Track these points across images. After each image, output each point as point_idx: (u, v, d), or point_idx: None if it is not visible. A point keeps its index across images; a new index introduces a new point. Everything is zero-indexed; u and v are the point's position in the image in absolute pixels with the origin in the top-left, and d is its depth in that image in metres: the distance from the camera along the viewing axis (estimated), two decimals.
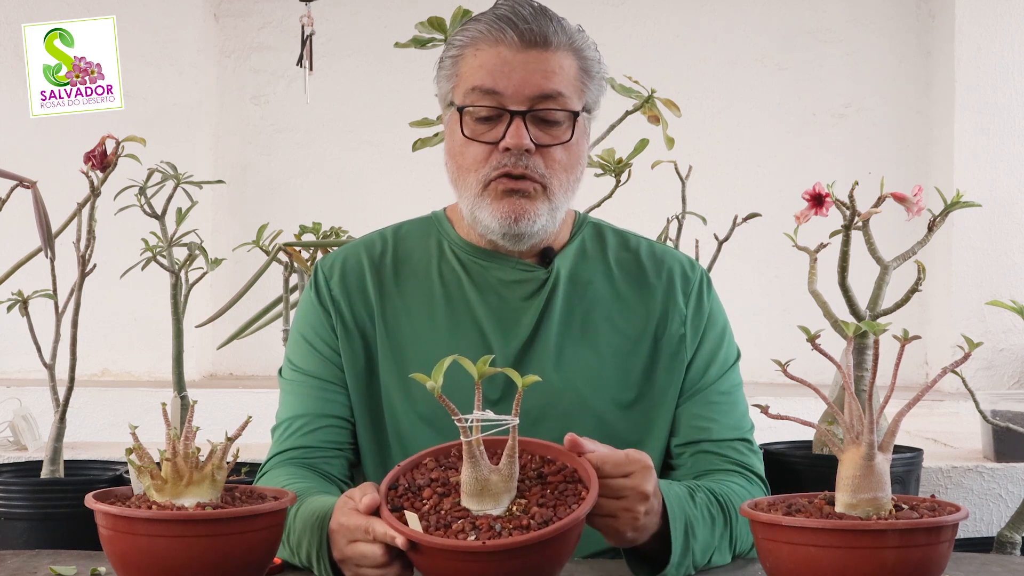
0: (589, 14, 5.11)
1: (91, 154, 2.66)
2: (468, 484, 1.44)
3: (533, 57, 1.76)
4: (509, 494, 1.44)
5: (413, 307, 1.85)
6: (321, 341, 1.86)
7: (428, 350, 1.82)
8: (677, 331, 1.87)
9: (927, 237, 2.54)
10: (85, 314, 2.78)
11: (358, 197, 5.02)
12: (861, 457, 1.40)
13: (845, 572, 1.34)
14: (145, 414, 3.39)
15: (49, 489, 2.69)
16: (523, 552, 1.38)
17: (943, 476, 2.89)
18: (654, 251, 1.93)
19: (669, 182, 3.03)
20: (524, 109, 1.76)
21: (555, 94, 1.77)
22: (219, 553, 1.43)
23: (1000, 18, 4.79)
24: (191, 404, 1.62)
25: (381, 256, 1.89)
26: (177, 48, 4.90)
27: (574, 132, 1.79)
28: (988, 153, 4.78)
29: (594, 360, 1.83)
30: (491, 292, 1.84)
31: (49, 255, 2.67)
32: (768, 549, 1.41)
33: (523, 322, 1.83)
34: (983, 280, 4.78)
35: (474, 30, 1.79)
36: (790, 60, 5.11)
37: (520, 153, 1.75)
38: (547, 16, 1.79)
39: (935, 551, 1.37)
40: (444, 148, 1.85)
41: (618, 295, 1.87)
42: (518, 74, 1.76)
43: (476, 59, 1.78)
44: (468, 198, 1.80)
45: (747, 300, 4.96)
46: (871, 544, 1.34)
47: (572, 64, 1.79)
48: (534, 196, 1.78)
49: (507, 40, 1.76)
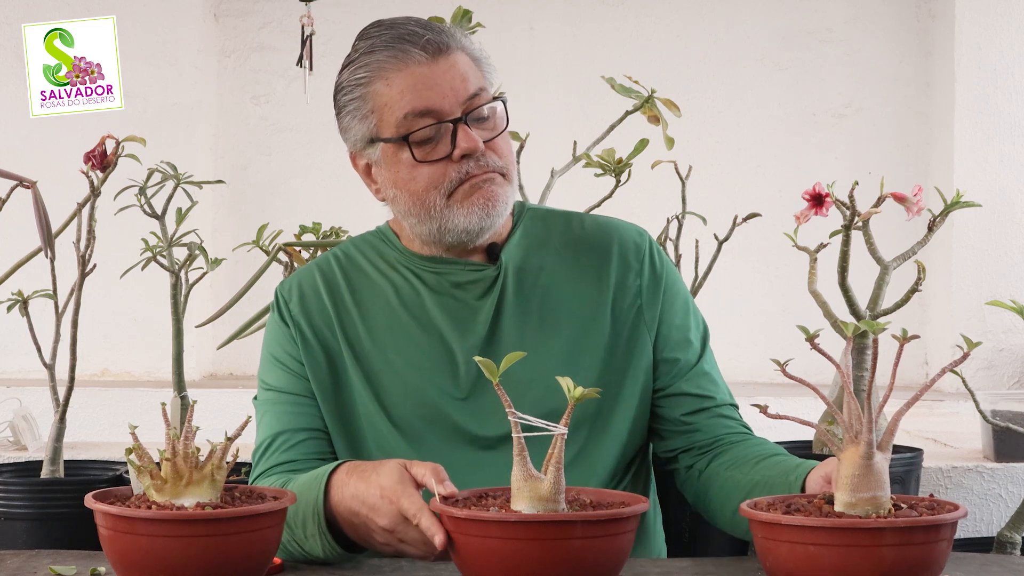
0: (589, 14, 5.11)
1: (91, 154, 2.66)
2: (516, 481, 1.43)
3: (443, 65, 1.79)
4: (558, 504, 1.42)
5: (370, 317, 1.87)
6: (290, 357, 1.88)
7: (390, 356, 1.84)
8: (634, 301, 1.89)
9: (927, 237, 2.54)
10: (85, 314, 2.78)
11: (358, 197, 4.97)
12: (860, 456, 1.40)
13: (844, 571, 1.34)
14: (145, 414, 3.38)
15: (49, 489, 2.69)
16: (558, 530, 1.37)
17: (943, 476, 2.89)
18: (598, 224, 1.95)
19: (669, 182, 3.03)
20: (460, 115, 1.78)
21: (478, 91, 1.80)
22: (219, 553, 1.43)
23: (1000, 18, 4.78)
24: (191, 404, 1.62)
25: (333, 274, 1.91)
26: (177, 48, 4.90)
27: (508, 117, 1.83)
28: (988, 153, 4.78)
29: (556, 345, 1.85)
30: (446, 295, 1.86)
31: (49, 255, 2.67)
32: (768, 548, 1.41)
33: (479, 319, 1.84)
34: (983, 280, 4.77)
35: (372, 63, 1.80)
36: (790, 60, 5.11)
37: (477, 155, 1.78)
38: (428, 25, 1.82)
39: (934, 550, 1.37)
40: (385, 184, 1.84)
41: (569, 276, 1.89)
42: (442, 85, 1.78)
43: (392, 88, 1.79)
44: (433, 218, 1.81)
45: (747, 300, 4.96)
46: (869, 542, 1.34)
47: (467, 59, 1.82)
48: (500, 184, 1.81)
49: (414, 58, 1.78)
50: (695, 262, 2.97)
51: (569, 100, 5.03)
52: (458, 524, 1.42)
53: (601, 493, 1.52)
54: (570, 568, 1.38)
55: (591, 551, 1.39)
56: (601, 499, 1.50)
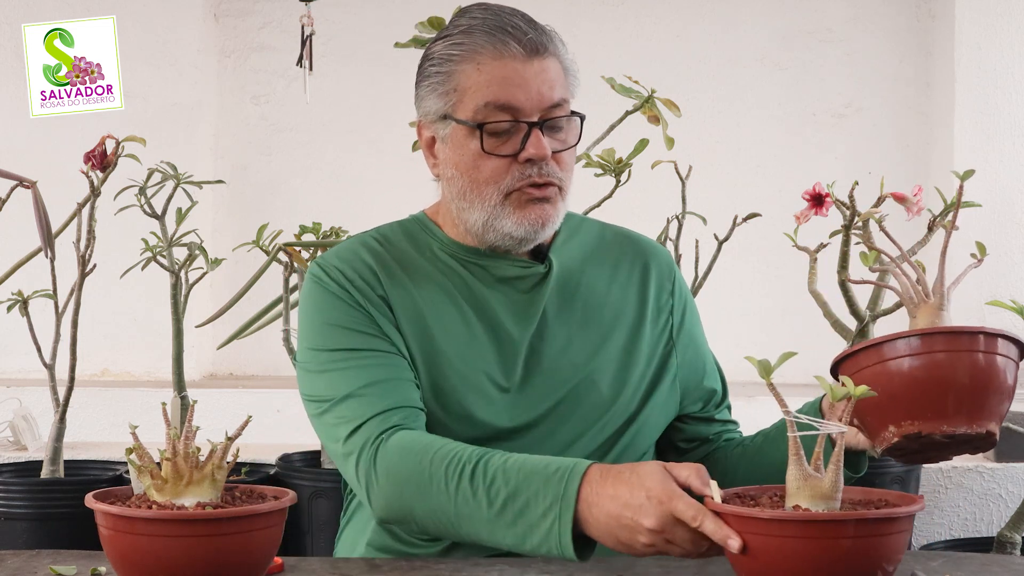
0: (589, 14, 5.11)
1: (91, 154, 2.66)
2: (793, 480, 1.45)
3: (537, 67, 1.79)
4: (837, 502, 1.44)
5: (424, 297, 1.84)
6: (353, 319, 1.80)
7: (448, 338, 1.82)
8: (668, 320, 1.94)
9: (927, 237, 2.54)
10: (85, 314, 2.78)
11: (358, 197, 5.01)
12: (935, 308, 1.73)
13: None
14: (145, 414, 3.38)
15: (49, 489, 2.70)
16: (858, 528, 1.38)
17: (943, 476, 2.89)
18: (632, 238, 2.00)
19: (669, 182, 3.03)
20: (538, 120, 1.78)
21: (561, 101, 1.80)
22: (219, 553, 1.43)
23: (1000, 18, 4.78)
24: (191, 404, 1.62)
25: (380, 252, 1.87)
26: (177, 48, 4.90)
27: (580, 133, 1.84)
28: (988, 153, 4.78)
29: (600, 345, 1.87)
30: (498, 285, 1.86)
31: (49, 255, 2.68)
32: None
33: (531, 312, 1.85)
34: (983, 280, 4.77)
35: (468, 43, 1.79)
36: (790, 60, 5.11)
37: (542, 164, 1.78)
38: (535, 24, 1.82)
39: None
40: (446, 163, 1.83)
41: (612, 282, 1.92)
42: (529, 85, 1.78)
43: (481, 74, 1.78)
44: (485, 209, 1.81)
45: (747, 300, 4.95)
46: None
47: (559, 67, 1.82)
48: (555, 201, 1.82)
49: (512, 52, 1.78)
50: (695, 262, 2.97)
51: None
52: (745, 523, 1.42)
53: (868, 492, 1.53)
54: (852, 566, 1.39)
55: (874, 548, 1.41)
56: (868, 497, 1.52)
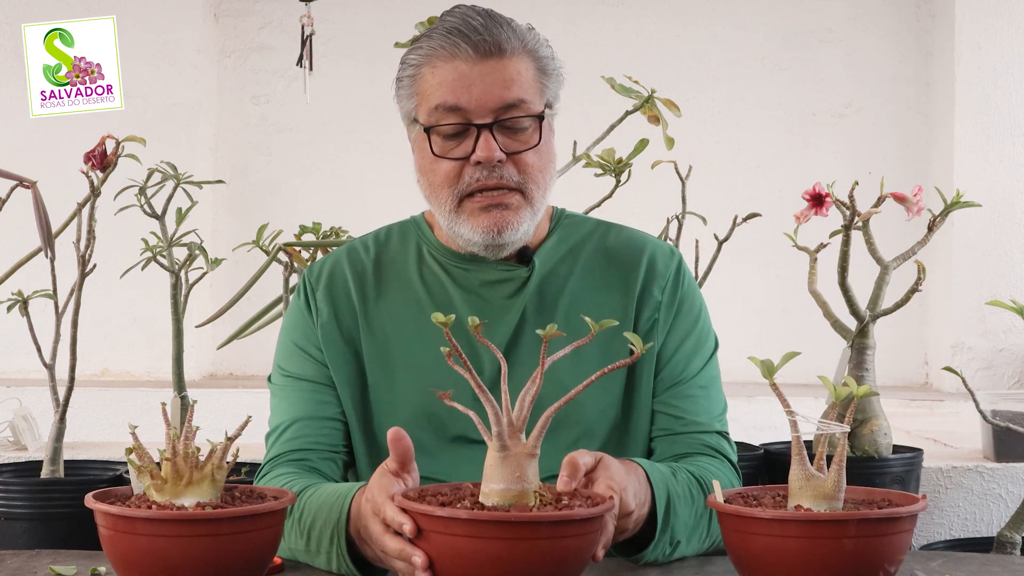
0: (589, 14, 5.11)
1: (91, 154, 2.66)
2: (796, 480, 1.45)
3: (490, 67, 1.77)
4: (839, 502, 1.44)
5: (397, 310, 1.87)
6: (311, 346, 1.88)
7: (414, 351, 1.84)
8: (650, 318, 1.88)
9: (927, 237, 2.54)
10: (85, 314, 2.78)
11: (358, 197, 5.02)
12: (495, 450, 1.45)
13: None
14: (145, 414, 3.39)
15: (49, 489, 2.69)
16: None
17: (943, 476, 2.89)
18: (632, 237, 1.94)
19: (669, 182, 3.03)
20: (489, 121, 1.77)
21: (517, 101, 1.78)
22: (219, 553, 1.43)
23: (1000, 18, 4.79)
24: (191, 404, 1.62)
25: (363, 263, 1.91)
26: (177, 48, 4.90)
27: (541, 135, 1.81)
28: (988, 153, 4.78)
29: (585, 352, 1.83)
30: (473, 293, 1.86)
31: (49, 255, 2.67)
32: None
33: (506, 320, 1.84)
34: (983, 280, 4.77)
35: (427, 47, 1.79)
36: (790, 60, 5.11)
37: (492, 165, 1.76)
38: (497, 23, 1.79)
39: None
40: (414, 165, 1.86)
41: (598, 285, 1.89)
42: (478, 87, 1.76)
43: (434, 76, 1.78)
44: (444, 214, 1.81)
45: (747, 300, 4.96)
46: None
47: (529, 67, 1.80)
48: (516, 206, 1.79)
49: (462, 54, 1.77)
50: (695, 262, 2.97)
51: (569, 100, 5.02)
52: (746, 523, 1.43)
53: (870, 492, 1.54)
54: (854, 566, 1.40)
55: (876, 548, 1.41)
56: (871, 497, 1.53)
